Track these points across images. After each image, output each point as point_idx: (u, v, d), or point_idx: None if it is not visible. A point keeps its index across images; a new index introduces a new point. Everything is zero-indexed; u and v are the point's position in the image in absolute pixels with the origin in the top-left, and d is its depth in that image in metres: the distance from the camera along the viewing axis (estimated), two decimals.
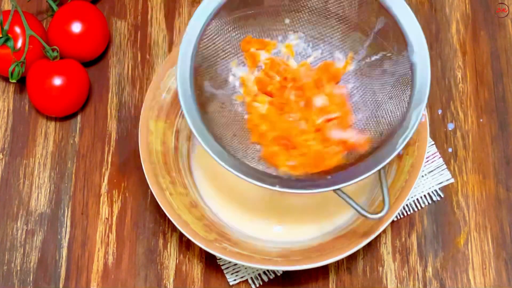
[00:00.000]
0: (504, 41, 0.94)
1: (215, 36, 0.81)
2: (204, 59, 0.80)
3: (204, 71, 0.80)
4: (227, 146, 0.78)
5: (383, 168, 0.76)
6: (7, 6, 0.97)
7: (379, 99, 0.81)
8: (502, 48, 0.94)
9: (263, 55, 0.84)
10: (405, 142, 0.75)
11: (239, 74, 0.83)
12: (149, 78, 0.94)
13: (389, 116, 0.79)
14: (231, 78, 0.83)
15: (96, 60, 0.95)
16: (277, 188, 0.75)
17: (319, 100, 0.82)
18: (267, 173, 0.77)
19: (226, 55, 0.82)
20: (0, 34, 0.90)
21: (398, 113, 0.78)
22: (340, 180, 0.75)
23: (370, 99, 0.81)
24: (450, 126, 0.90)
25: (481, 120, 0.91)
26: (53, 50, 0.91)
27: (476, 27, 0.95)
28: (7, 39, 0.89)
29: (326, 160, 0.79)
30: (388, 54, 0.80)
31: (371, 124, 0.80)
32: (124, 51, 0.95)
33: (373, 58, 0.82)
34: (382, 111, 0.80)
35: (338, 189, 0.75)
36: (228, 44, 0.82)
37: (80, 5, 0.92)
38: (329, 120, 0.81)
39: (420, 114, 0.76)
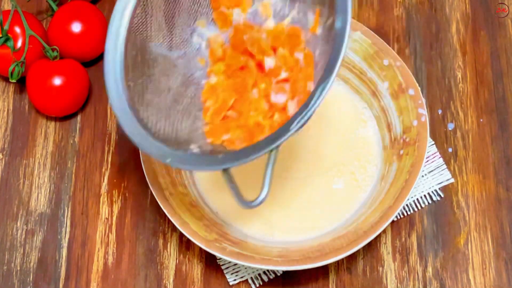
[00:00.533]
0: (504, 41, 0.94)
1: None
2: (151, 13, 0.75)
3: (149, 28, 0.75)
4: (153, 114, 0.75)
5: (275, 150, 0.71)
6: (7, 6, 0.97)
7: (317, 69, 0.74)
8: (502, 48, 0.94)
9: (239, 15, 0.78)
10: (301, 123, 0.70)
11: (206, 35, 0.78)
12: None
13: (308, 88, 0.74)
14: (195, 39, 0.78)
15: (96, 60, 0.95)
16: (167, 162, 0.73)
17: (269, 61, 0.77)
18: (163, 147, 0.74)
19: (189, 12, 0.77)
20: (0, 34, 0.90)
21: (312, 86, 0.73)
22: (228, 160, 0.71)
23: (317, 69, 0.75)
24: (450, 126, 0.90)
25: (481, 120, 0.91)
26: (53, 50, 0.91)
27: (476, 27, 0.95)
28: (7, 39, 0.89)
29: (264, 132, 0.76)
30: (329, 21, 0.73)
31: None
32: None
33: (327, 23, 0.74)
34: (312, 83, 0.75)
35: (227, 170, 0.71)
36: (193, 1, 0.77)
37: (80, 5, 0.92)
38: (278, 82, 0.77)
39: (323, 93, 0.69)
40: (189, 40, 0.78)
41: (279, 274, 0.85)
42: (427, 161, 0.88)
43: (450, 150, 0.89)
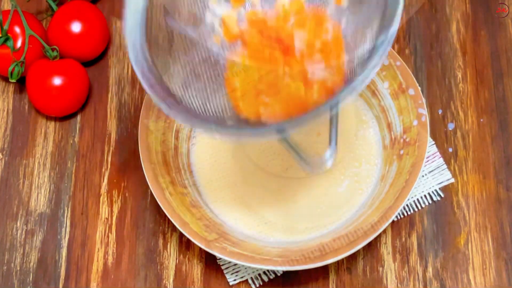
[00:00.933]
0: (504, 41, 0.94)
1: None
2: None
3: (167, 3, 0.73)
4: (177, 85, 0.72)
5: (337, 109, 0.68)
6: (7, 6, 0.97)
7: (354, 34, 0.73)
8: (502, 48, 0.94)
9: None
10: (367, 81, 0.67)
11: (219, 12, 0.76)
12: None
13: (360, 48, 0.72)
14: (208, 18, 0.76)
15: (96, 60, 0.95)
16: (213, 129, 0.69)
17: (299, 35, 0.74)
18: (206, 114, 0.71)
19: None
20: (0, 34, 0.90)
21: (367, 44, 0.71)
22: (286, 125, 0.68)
23: (349, 35, 0.74)
24: (450, 126, 0.90)
25: (481, 120, 0.91)
26: (52, 50, 0.91)
27: (476, 27, 0.95)
28: (7, 39, 0.89)
29: (309, 104, 0.72)
30: None
31: (349, 63, 0.74)
32: (124, 51, 0.95)
33: None
34: (357, 45, 0.73)
35: (284, 136, 0.68)
36: None
37: (80, 5, 0.92)
38: (313, 59, 0.75)
39: (386, 47, 0.68)
40: (202, 17, 0.75)
41: (279, 274, 0.85)
42: (427, 160, 0.88)
43: (450, 149, 0.89)
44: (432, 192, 0.87)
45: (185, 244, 0.86)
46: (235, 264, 0.85)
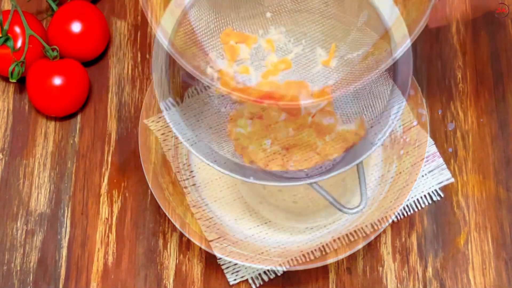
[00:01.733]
0: (504, 41, 0.94)
1: (194, 25, 0.79)
2: (181, 47, 0.78)
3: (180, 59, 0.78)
4: (202, 137, 0.76)
5: (361, 163, 0.75)
6: (7, 6, 0.97)
7: (360, 95, 0.79)
8: (502, 48, 0.94)
9: (244, 49, 0.82)
10: (384, 138, 0.74)
11: (217, 66, 0.81)
12: (149, 78, 0.94)
13: (370, 112, 0.78)
14: (209, 70, 0.80)
15: (96, 60, 0.95)
16: (251, 180, 0.74)
17: (303, 97, 0.80)
18: (241, 164, 0.76)
19: (205, 46, 0.80)
20: (0, 34, 0.90)
21: (378, 108, 0.77)
22: (315, 174, 0.74)
23: (352, 96, 0.80)
24: (450, 126, 0.90)
25: (481, 120, 0.91)
26: (53, 50, 0.91)
27: (476, 27, 0.95)
28: (7, 39, 0.89)
29: (332, 151, 0.78)
30: (370, 50, 0.78)
31: (353, 120, 0.79)
32: (124, 51, 0.95)
33: (355, 54, 0.80)
34: (362, 106, 0.79)
35: (314, 183, 0.75)
36: (207, 35, 0.80)
37: (80, 5, 0.92)
38: (319, 111, 0.80)
39: (400, 110, 0.75)
40: (204, 71, 0.80)
41: (279, 274, 0.85)
42: (427, 160, 0.88)
43: (450, 150, 0.89)
44: (432, 192, 0.87)
45: (185, 244, 0.86)
46: (235, 264, 0.85)
